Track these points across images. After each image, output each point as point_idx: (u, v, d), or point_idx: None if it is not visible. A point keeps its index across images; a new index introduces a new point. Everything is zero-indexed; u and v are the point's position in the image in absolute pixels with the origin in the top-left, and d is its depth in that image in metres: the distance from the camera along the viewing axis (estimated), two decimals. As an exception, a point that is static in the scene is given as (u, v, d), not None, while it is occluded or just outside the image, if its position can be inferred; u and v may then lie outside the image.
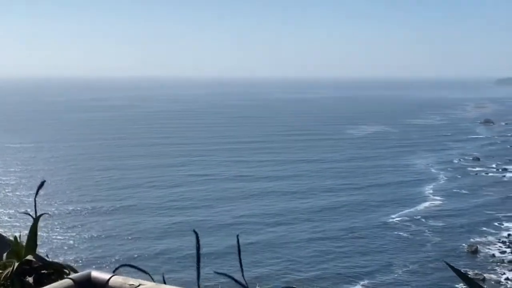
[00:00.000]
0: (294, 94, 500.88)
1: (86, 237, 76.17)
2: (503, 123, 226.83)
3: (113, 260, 65.65)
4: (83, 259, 67.07)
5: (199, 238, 3.70)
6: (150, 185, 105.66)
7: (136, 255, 68.59)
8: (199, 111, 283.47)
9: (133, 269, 4.07)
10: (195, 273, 3.67)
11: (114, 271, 3.68)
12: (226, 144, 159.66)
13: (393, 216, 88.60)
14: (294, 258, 69.57)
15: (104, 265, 62.88)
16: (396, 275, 65.67)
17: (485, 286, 61.10)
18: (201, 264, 3.71)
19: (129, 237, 76.03)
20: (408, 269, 67.44)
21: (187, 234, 70.79)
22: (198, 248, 3.65)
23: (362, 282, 63.36)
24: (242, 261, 3.80)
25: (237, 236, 4.07)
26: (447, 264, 3.09)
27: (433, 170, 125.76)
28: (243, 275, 3.49)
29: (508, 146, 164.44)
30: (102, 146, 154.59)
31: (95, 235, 76.58)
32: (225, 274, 3.55)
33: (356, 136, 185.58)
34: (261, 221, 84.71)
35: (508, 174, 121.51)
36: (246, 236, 73.47)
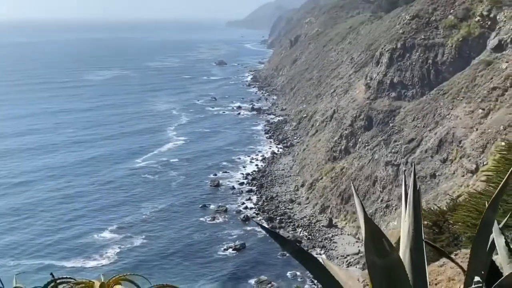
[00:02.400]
0: (23, 37, 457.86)
1: None
2: (235, 64, 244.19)
3: None
4: None
5: None
6: None
7: None
8: None
9: None
10: None
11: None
12: None
13: (138, 161, 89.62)
14: (41, 220, 65.78)
15: None
16: (145, 216, 67.35)
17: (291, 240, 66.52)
18: None
19: None
20: (156, 209, 69.63)
21: None
22: None
23: (110, 228, 63.41)
24: None
25: None
26: (257, 223, 2.87)
27: (174, 112, 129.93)
28: None
29: (240, 86, 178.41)
30: None
31: None
32: None
33: (96, 82, 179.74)
34: (6, 181, 77.46)
35: (242, 112, 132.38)
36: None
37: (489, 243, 3.04)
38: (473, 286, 2.80)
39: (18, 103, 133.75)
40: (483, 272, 2.98)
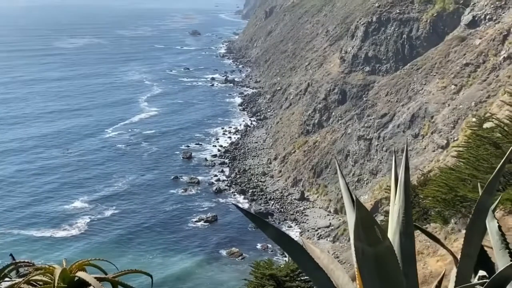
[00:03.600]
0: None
1: None
2: (208, 34, 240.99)
3: None
4: None
5: None
6: None
7: None
8: None
9: None
10: None
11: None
12: None
13: (109, 131, 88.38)
14: (12, 192, 64.72)
15: None
16: (115, 187, 66.76)
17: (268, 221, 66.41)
18: None
19: None
20: (127, 180, 69.09)
21: None
22: None
23: (81, 198, 62.89)
24: None
25: None
26: (236, 206, 2.64)
27: (146, 82, 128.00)
28: None
29: (214, 57, 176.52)
30: None
31: None
32: None
33: (67, 50, 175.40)
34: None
35: (215, 83, 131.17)
36: None
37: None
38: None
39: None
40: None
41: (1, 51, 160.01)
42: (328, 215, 59.61)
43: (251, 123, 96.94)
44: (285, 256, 47.99)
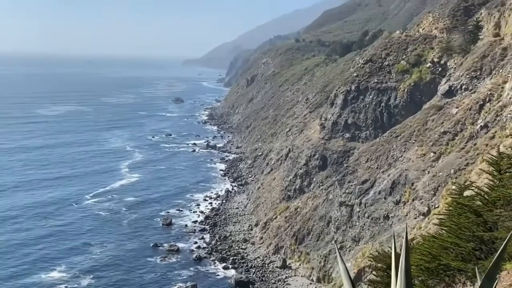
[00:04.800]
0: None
1: None
2: (191, 101, 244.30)
3: None
4: None
5: None
6: None
7: None
8: None
9: None
10: None
11: None
12: None
13: (89, 197, 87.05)
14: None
15: None
16: (93, 255, 64.98)
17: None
18: None
19: None
20: (105, 248, 67.38)
21: None
22: None
23: (59, 268, 60.84)
24: None
25: None
26: None
27: (128, 148, 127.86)
28: None
29: (195, 123, 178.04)
30: None
31: None
32: None
33: (50, 117, 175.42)
34: None
35: (196, 149, 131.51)
36: None
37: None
38: None
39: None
40: None
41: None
42: (310, 283, 58.38)
43: (232, 189, 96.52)
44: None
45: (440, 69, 62.50)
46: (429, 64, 64.15)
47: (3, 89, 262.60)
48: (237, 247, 69.83)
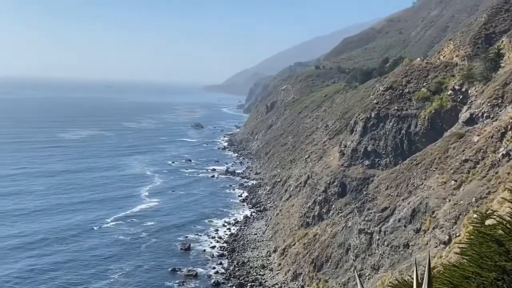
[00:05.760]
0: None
1: None
2: (211, 127, 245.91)
3: None
4: None
5: None
6: None
7: None
8: None
9: None
10: None
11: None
12: None
13: (108, 220, 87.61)
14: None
15: None
16: (112, 280, 65.07)
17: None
18: None
19: None
20: (124, 272, 67.45)
21: None
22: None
23: (77, 292, 60.98)
24: None
25: None
26: None
27: (148, 173, 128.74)
28: None
29: (215, 148, 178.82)
30: None
31: None
32: None
33: (71, 141, 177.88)
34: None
35: (215, 174, 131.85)
36: None
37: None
38: None
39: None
40: None
41: (6, 143, 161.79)
42: (329, 312, 57.58)
43: (251, 214, 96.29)
44: None
45: (461, 96, 62.20)
46: (450, 91, 63.89)
47: (26, 113, 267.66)
48: (255, 273, 69.37)
